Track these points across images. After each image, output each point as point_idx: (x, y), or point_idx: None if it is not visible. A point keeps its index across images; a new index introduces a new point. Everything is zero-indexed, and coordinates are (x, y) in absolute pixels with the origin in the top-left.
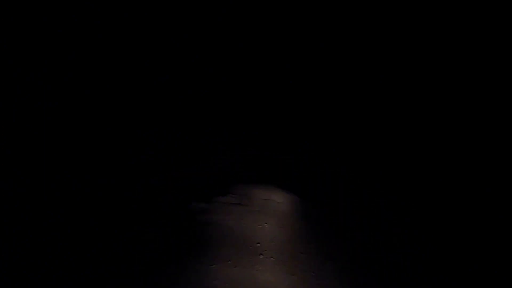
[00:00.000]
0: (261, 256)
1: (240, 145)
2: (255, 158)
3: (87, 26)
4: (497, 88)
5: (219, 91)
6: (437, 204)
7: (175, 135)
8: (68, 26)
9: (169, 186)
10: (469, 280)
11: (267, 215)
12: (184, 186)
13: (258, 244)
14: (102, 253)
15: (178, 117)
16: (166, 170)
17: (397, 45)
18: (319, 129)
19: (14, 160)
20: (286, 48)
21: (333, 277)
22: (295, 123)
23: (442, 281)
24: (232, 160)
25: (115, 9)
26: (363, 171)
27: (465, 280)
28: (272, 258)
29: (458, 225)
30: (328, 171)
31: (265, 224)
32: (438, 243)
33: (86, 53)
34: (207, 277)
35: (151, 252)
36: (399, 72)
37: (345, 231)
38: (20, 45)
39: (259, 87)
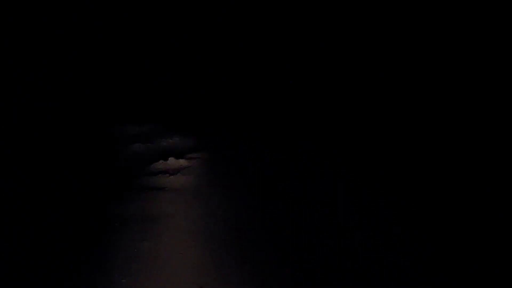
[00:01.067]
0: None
1: (240, 145)
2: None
3: (87, 26)
4: (497, 88)
5: (219, 91)
6: (437, 204)
7: (175, 135)
8: (68, 26)
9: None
10: (469, 280)
11: None
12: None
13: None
14: (102, 253)
15: (178, 117)
16: (161, 164)
17: (397, 45)
18: (319, 129)
19: (14, 160)
20: (286, 48)
21: (331, 276)
22: (295, 123)
23: (442, 281)
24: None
25: (115, 9)
26: (363, 171)
27: (465, 280)
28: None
29: (458, 225)
30: (328, 171)
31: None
32: (438, 243)
33: (86, 53)
34: None
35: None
36: (399, 72)
37: (344, 231)
38: (20, 45)
39: (259, 87)
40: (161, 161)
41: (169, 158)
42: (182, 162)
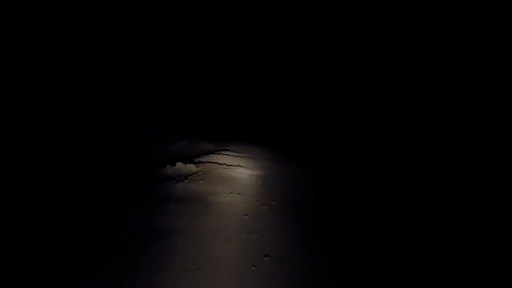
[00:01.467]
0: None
1: (240, 145)
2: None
3: (87, 26)
4: (497, 88)
5: (219, 91)
6: (437, 204)
7: (175, 135)
8: (68, 26)
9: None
10: (469, 280)
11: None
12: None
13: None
14: (102, 253)
15: (178, 117)
16: (168, 169)
17: (397, 45)
18: (319, 129)
19: (14, 160)
20: (286, 48)
21: (331, 276)
22: (295, 123)
23: (442, 281)
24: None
25: (115, 9)
26: (363, 171)
27: (465, 280)
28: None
29: (458, 225)
30: (328, 171)
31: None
32: (438, 243)
33: (86, 53)
34: None
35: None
36: (399, 72)
37: (344, 231)
38: (20, 45)
39: (259, 87)
40: (168, 167)
41: (177, 163)
42: (190, 167)
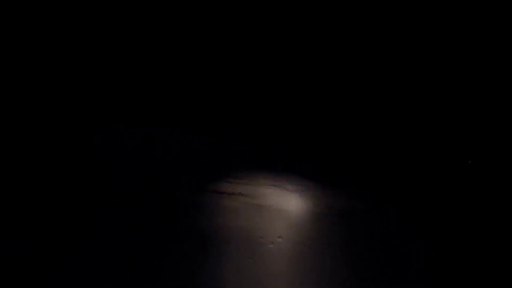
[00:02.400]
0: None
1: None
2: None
3: (87, 26)
4: (497, 88)
5: (219, 91)
6: (437, 203)
7: (175, 135)
8: (68, 26)
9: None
10: (469, 280)
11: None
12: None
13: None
14: (102, 253)
15: (178, 117)
16: (169, 169)
17: (397, 45)
18: (319, 129)
19: (14, 160)
20: (286, 48)
21: (331, 275)
22: (295, 123)
23: (442, 281)
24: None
25: (115, 9)
26: (363, 171)
27: (465, 280)
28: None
29: (458, 224)
30: (328, 171)
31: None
32: (438, 243)
33: (86, 53)
34: None
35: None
36: (399, 72)
37: (344, 231)
38: (20, 45)
39: (259, 87)
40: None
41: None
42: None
